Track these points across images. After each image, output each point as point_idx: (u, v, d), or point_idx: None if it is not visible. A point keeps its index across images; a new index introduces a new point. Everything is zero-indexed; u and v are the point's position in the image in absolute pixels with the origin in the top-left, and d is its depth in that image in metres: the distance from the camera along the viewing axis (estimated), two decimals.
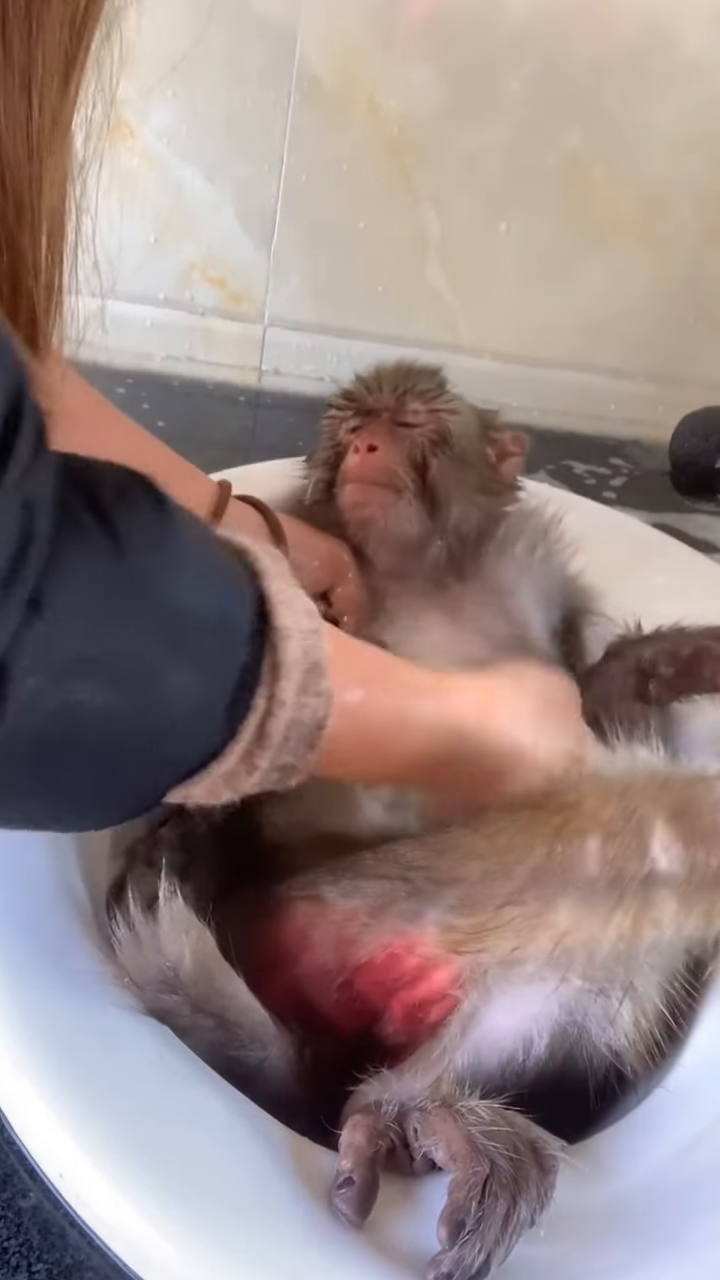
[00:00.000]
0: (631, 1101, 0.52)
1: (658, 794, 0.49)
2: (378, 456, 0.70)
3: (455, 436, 0.72)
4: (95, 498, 0.37)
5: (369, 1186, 0.43)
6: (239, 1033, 0.49)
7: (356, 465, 0.70)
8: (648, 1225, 0.45)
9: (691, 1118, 0.50)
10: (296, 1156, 0.45)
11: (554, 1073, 0.50)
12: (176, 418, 1.18)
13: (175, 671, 0.39)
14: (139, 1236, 0.42)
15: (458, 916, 0.50)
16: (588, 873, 0.48)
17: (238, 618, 0.41)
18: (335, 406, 0.75)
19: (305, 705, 0.42)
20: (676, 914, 0.47)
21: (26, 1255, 0.47)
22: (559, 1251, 0.43)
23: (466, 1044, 0.49)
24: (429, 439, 0.71)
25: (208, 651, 0.40)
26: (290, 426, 1.27)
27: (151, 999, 0.48)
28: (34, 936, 0.50)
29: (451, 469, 0.71)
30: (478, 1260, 0.40)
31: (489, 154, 1.21)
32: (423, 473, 0.70)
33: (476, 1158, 0.42)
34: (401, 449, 0.71)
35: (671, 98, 1.18)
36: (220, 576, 0.41)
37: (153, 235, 1.25)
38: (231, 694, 0.41)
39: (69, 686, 0.36)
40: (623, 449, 1.32)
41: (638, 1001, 0.50)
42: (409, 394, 0.72)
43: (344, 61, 1.17)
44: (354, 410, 0.73)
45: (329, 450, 0.74)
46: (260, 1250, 0.41)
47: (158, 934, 0.48)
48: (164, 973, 0.48)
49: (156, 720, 0.39)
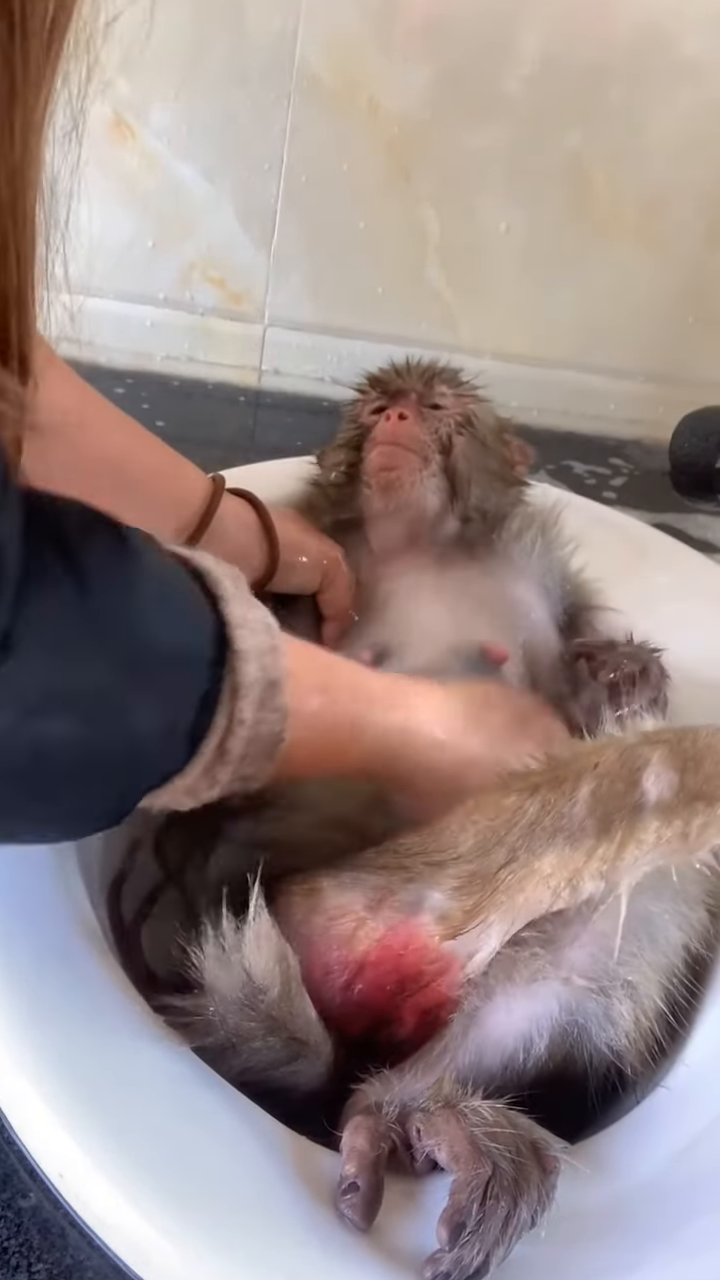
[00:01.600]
0: (631, 1101, 0.51)
1: (655, 737, 0.49)
2: (408, 424, 0.72)
3: (479, 422, 0.74)
4: (60, 536, 0.39)
5: (374, 1191, 0.43)
6: (304, 1050, 0.48)
7: (387, 430, 0.72)
8: (648, 1225, 0.45)
9: (691, 1118, 0.50)
10: (297, 1156, 0.45)
11: (554, 1072, 0.50)
12: (176, 418, 1.18)
13: (140, 702, 0.41)
14: (139, 1236, 0.42)
15: (456, 899, 0.50)
16: (578, 817, 0.47)
17: (199, 647, 0.43)
18: (361, 390, 0.77)
19: (263, 721, 0.44)
20: (658, 833, 0.46)
21: (26, 1255, 0.47)
22: (559, 1251, 0.43)
23: (468, 1044, 0.49)
24: (455, 420, 0.74)
25: (170, 680, 0.42)
26: (290, 426, 1.27)
27: (234, 1025, 0.47)
28: (34, 936, 0.50)
29: (474, 452, 0.73)
30: (476, 1261, 0.40)
31: (489, 154, 1.21)
32: (447, 453, 0.72)
33: (479, 1159, 0.42)
34: (429, 425, 0.73)
35: (671, 98, 1.17)
36: (181, 607, 0.43)
37: (153, 235, 1.25)
38: (193, 718, 0.42)
39: (37, 721, 0.38)
40: (623, 449, 1.32)
41: (637, 1000, 0.50)
42: (437, 379, 0.75)
43: (344, 61, 1.17)
44: (380, 392, 0.76)
45: (352, 432, 0.76)
46: (260, 1250, 0.41)
47: (246, 955, 0.47)
48: (251, 996, 0.47)
49: (122, 747, 0.41)
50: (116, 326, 1.28)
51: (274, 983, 0.47)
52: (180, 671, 0.42)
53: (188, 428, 1.17)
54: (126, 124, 1.18)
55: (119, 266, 1.24)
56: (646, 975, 0.51)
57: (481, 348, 1.30)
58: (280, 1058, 0.48)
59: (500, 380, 1.27)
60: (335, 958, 0.51)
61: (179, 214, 1.24)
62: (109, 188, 1.20)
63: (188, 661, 0.42)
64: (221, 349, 1.32)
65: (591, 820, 0.47)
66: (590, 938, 0.50)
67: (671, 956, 0.52)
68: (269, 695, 0.44)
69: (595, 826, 0.47)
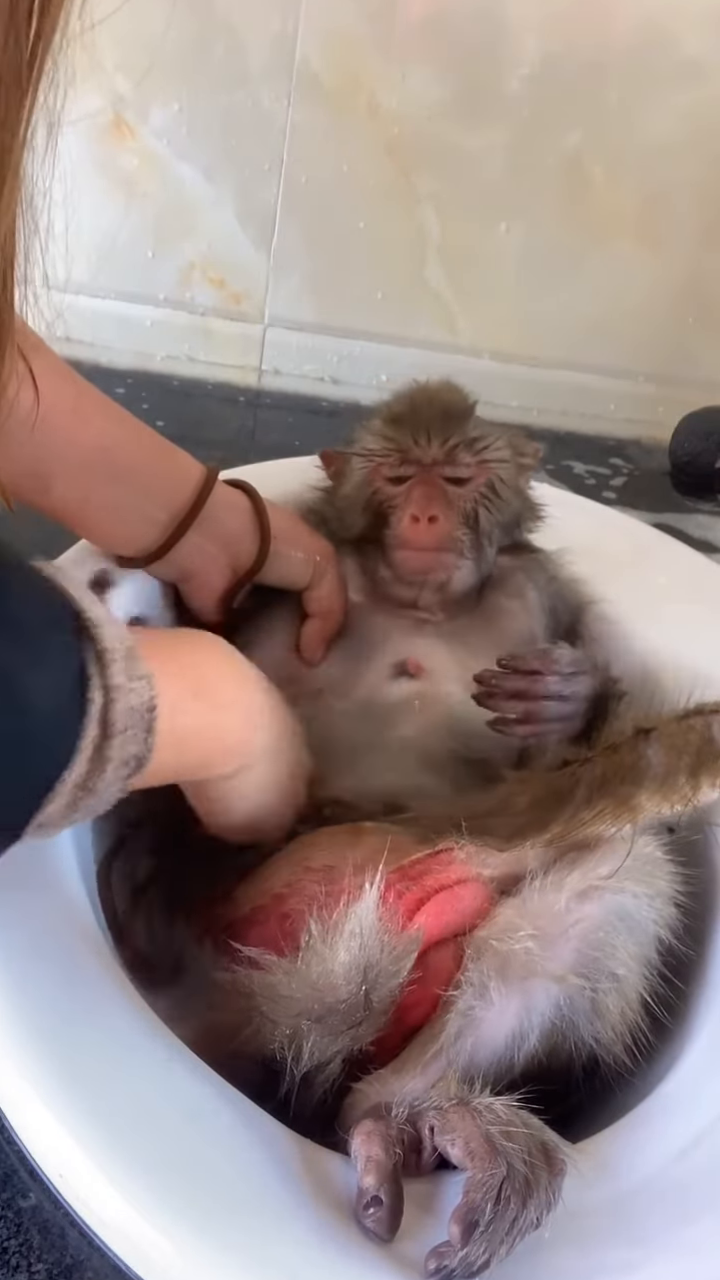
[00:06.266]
0: (631, 1101, 0.52)
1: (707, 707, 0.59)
2: (437, 527, 0.67)
3: (501, 485, 0.71)
4: None
5: (397, 1202, 0.43)
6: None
7: (417, 536, 0.68)
8: (648, 1225, 0.45)
9: (691, 1118, 0.50)
10: (297, 1156, 0.45)
11: (546, 1070, 0.50)
12: (176, 418, 1.18)
13: (29, 675, 0.40)
14: (139, 1236, 0.42)
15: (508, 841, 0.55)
16: (660, 764, 0.56)
17: (60, 618, 0.43)
18: (374, 452, 0.71)
19: (134, 690, 0.44)
20: None
21: (26, 1255, 0.47)
22: (559, 1251, 0.43)
23: (463, 1042, 0.49)
24: (479, 493, 0.70)
25: (51, 646, 0.42)
26: (290, 426, 1.27)
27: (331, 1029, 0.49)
28: (33, 936, 0.50)
29: (497, 514, 0.70)
30: (480, 1259, 0.40)
31: (489, 154, 1.21)
32: (475, 529, 0.69)
33: (494, 1158, 0.42)
34: (455, 510, 0.69)
35: (671, 98, 1.17)
36: (31, 579, 0.44)
37: (152, 235, 1.25)
38: (71, 687, 0.42)
39: None
40: (623, 449, 1.32)
41: (622, 993, 0.51)
42: (459, 447, 0.69)
43: (344, 61, 1.17)
44: (399, 459, 0.70)
45: (369, 494, 0.71)
46: (260, 1250, 0.41)
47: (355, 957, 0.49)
48: (351, 1005, 0.49)
49: (18, 728, 0.40)
50: (116, 326, 1.28)
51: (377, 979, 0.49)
52: (51, 639, 0.42)
53: (188, 428, 1.17)
54: (126, 124, 1.18)
55: (119, 266, 1.24)
56: (630, 967, 0.51)
57: (481, 348, 1.30)
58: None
59: (500, 380, 1.28)
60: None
61: (179, 214, 1.24)
62: (109, 188, 1.20)
63: (58, 627, 0.42)
64: (221, 349, 1.32)
65: (682, 760, 0.55)
66: (579, 931, 0.51)
67: (648, 949, 0.53)
68: (131, 663, 0.44)
69: (688, 765, 0.55)
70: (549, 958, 0.50)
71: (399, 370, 1.20)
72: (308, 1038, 0.48)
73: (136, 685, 0.44)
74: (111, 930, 0.55)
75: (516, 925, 0.51)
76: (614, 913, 0.52)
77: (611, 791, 0.55)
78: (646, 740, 0.57)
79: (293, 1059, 0.48)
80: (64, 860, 0.55)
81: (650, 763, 0.56)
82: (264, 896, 0.56)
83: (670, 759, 0.56)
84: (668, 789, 0.55)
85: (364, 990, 0.48)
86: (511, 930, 0.51)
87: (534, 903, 0.52)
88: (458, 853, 0.54)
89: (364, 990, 0.48)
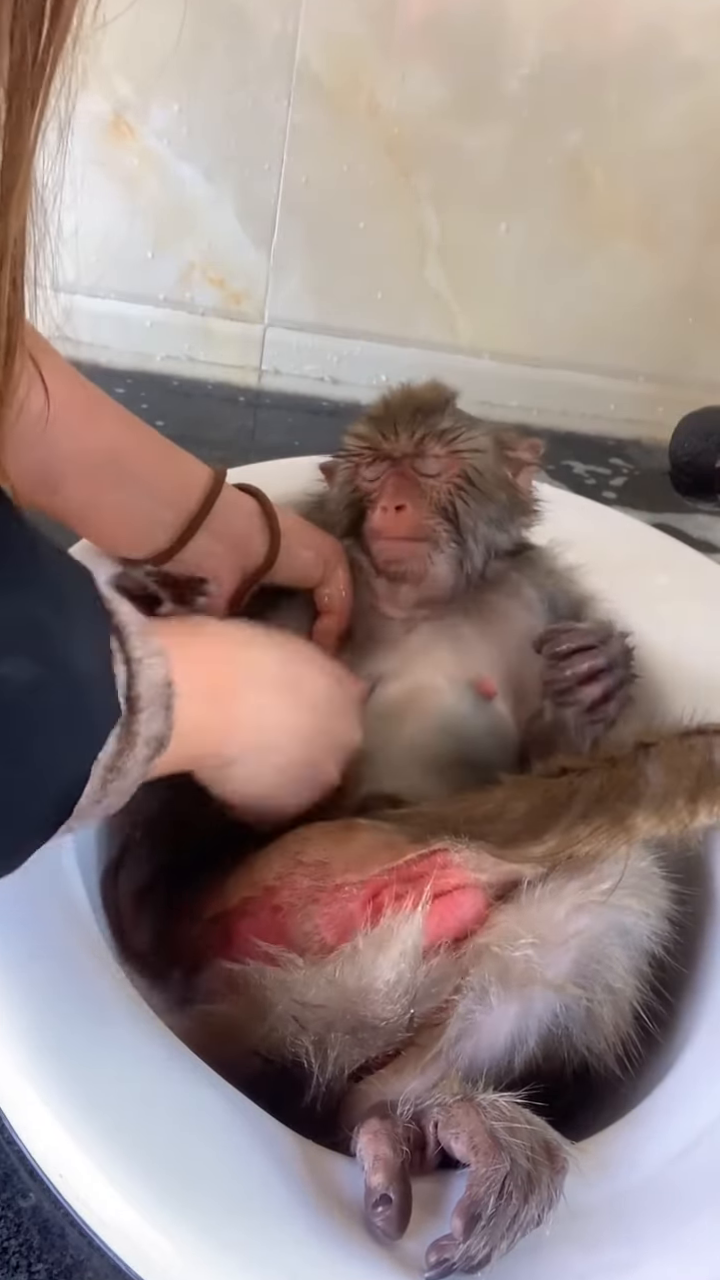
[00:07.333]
0: (631, 1101, 0.52)
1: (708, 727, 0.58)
2: (406, 514, 0.68)
3: (478, 475, 0.70)
4: None
5: (406, 1200, 0.43)
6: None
7: (387, 525, 0.68)
8: (647, 1225, 0.45)
9: (691, 1118, 0.50)
10: (297, 1156, 0.45)
11: (538, 1074, 0.50)
12: (176, 418, 1.18)
13: (72, 639, 0.41)
14: (139, 1236, 0.42)
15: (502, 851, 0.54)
16: (659, 783, 0.55)
17: (85, 585, 0.43)
18: (350, 452, 0.71)
19: (151, 665, 0.44)
20: None
21: (26, 1255, 0.47)
22: (559, 1250, 0.43)
23: (463, 1045, 0.49)
24: (453, 484, 0.69)
25: (83, 616, 0.42)
26: (290, 426, 1.27)
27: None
28: (33, 936, 0.50)
29: (478, 506, 0.69)
30: (481, 1253, 0.40)
31: (489, 154, 1.21)
32: (453, 518, 0.69)
33: (498, 1154, 0.42)
34: (428, 500, 0.68)
35: (671, 98, 1.17)
36: (62, 556, 0.44)
37: (152, 235, 1.25)
38: (105, 659, 0.42)
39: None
40: (623, 449, 1.32)
41: (616, 1003, 0.52)
42: (428, 438, 0.69)
43: (344, 61, 1.17)
44: (372, 456, 0.70)
45: (349, 493, 0.72)
46: (260, 1250, 0.41)
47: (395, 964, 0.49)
48: (393, 1025, 0.49)
49: (69, 694, 0.40)
50: (116, 326, 1.28)
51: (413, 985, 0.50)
52: (82, 608, 0.42)
53: (188, 428, 1.16)
54: (126, 124, 1.18)
55: (119, 267, 1.24)
56: (625, 980, 0.52)
57: (481, 348, 1.30)
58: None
59: (500, 380, 1.28)
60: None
61: (179, 214, 1.24)
62: (109, 188, 1.20)
63: (84, 596, 0.43)
64: (221, 349, 1.32)
65: (681, 783, 0.55)
66: (578, 942, 0.51)
67: (641, 963, 0.53)
68: (146, 639, 0.44)
69: (688, 788, 0.55)
70: (548, 966, 0.50)
71: (399, 370, 1.19)
72: (334, 1046, 0.48)
73: (153, 661, 0.44)
74: (114, 931, 0.55)
75: (516, 933, 0.51)
76: (613, 927, 0.52)
77: (608, 808, 0.54)
78: (646, 756, 0.56)
79: (318, 1066, 0.48)
80: (65, 861, 0.55)
81: (649, 781, 0.55)
82: (254, 888, 0.56)
83: (670, 780, 0.55)
84: (665, 812, 0.54)
85: (410, 1013, 0.49)
86: (512, 938, 0.51)
87: (533, 911, 0.52)
88: (454, 855, 0.54)
89: (410, 1013, 0.49)
